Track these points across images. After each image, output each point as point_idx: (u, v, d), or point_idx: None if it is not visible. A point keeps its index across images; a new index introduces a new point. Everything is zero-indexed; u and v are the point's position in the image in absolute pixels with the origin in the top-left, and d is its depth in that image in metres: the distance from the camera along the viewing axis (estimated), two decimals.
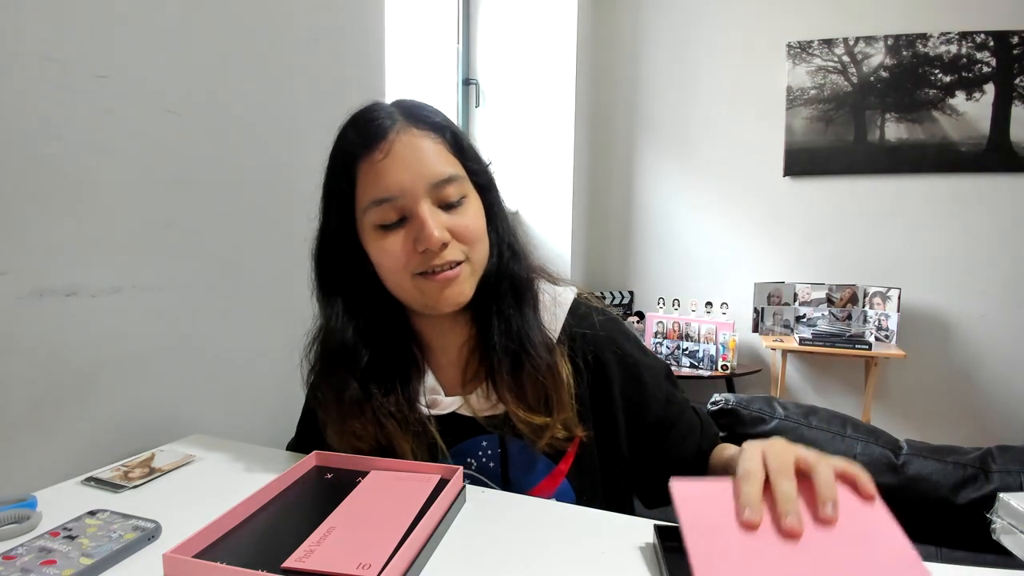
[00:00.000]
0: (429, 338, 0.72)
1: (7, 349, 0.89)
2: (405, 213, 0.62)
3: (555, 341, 0.69)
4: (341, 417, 0.66)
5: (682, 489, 0.47)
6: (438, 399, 0.69)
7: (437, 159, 0.62)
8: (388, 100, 0.69)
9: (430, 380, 0.70)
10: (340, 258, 0.67)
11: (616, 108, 3.22)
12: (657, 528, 0.52)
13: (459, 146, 0.65)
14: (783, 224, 2.97)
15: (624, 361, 0.72)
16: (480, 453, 0.68)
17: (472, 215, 0.65)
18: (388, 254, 0.62)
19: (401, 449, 0.65)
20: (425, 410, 0.67)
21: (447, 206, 0.63)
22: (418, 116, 0.64)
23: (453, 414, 0.68)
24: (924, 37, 2.69)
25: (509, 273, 0.68)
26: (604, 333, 0.72)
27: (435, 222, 0.60)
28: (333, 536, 0.50)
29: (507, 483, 0.68)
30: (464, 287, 0.65)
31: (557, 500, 0.66)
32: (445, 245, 0.62)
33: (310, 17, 1.45)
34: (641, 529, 0.55)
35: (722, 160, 3.04)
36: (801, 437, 0.98)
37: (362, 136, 0.63)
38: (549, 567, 0.49)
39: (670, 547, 0.49)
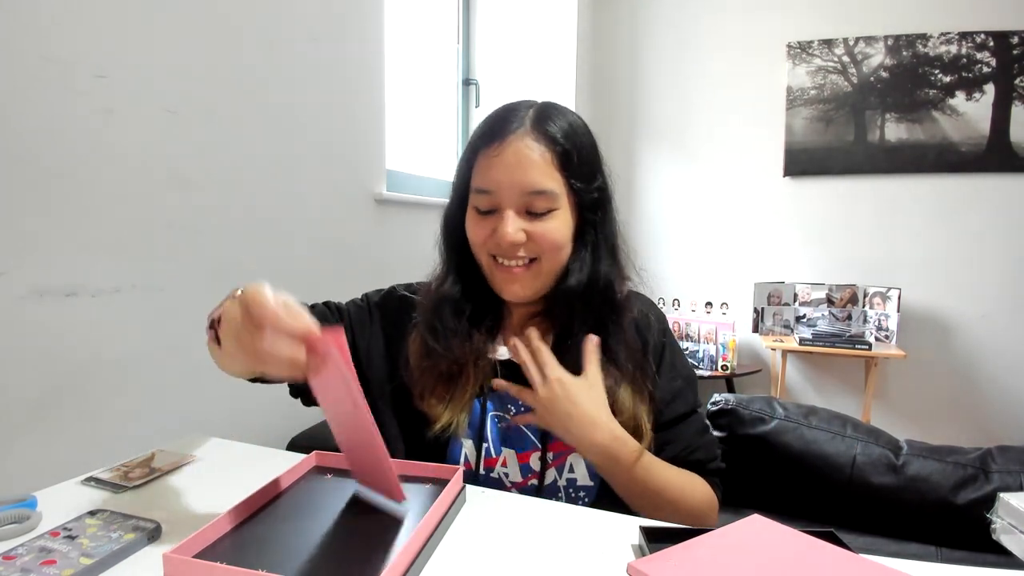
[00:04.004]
0: (508, 304, 0.80)
1: (7, 349, 0.89)
2: (495, 207, 0.70)
3: None
4: (436, 339, 0.74)
5: (641, 569, 0.47)
6: (499, 348, 0.77)
7: (538, 171, 0.69)
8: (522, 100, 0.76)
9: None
10: (456, 226, 0.76)
11: (616, 108, 3.22)
12: (643, 529, 0.52)
13: (567, 162, 0.71)
14: (783, 224, 2.97)
15: (655, 341, 0.78)
16: (521, 403, 0.72)
17: (555, 227, 0.71)
18: (475, 232, 0.73)
19: (466, 375, 0.73)
20: (491, 355, 0.75)
21: (533, 214, 0.70)
22: (543, 124, 0.71)
23: (509, 362, 0.75)
24: (924, 37, 2.69)
25: (600, 289, 0.74)
26: (652, 316, 0.80)
27: (513, 226, 0.69)
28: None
29: (544, 432, 0.72)
30: (525, 286, 0.72)
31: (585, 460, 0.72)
32: (517, 247, 0.70)
33: (310, 17, 1.45)
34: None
35: (722, 160, 3.04)
36: (801, 437, 0.98)
37: (487, 132, 0.72)
38: (549, 567, 0.49)
39: (656, 548, 0.49)
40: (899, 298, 2.61)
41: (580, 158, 0.71)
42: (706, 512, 0.72)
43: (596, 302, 0.73)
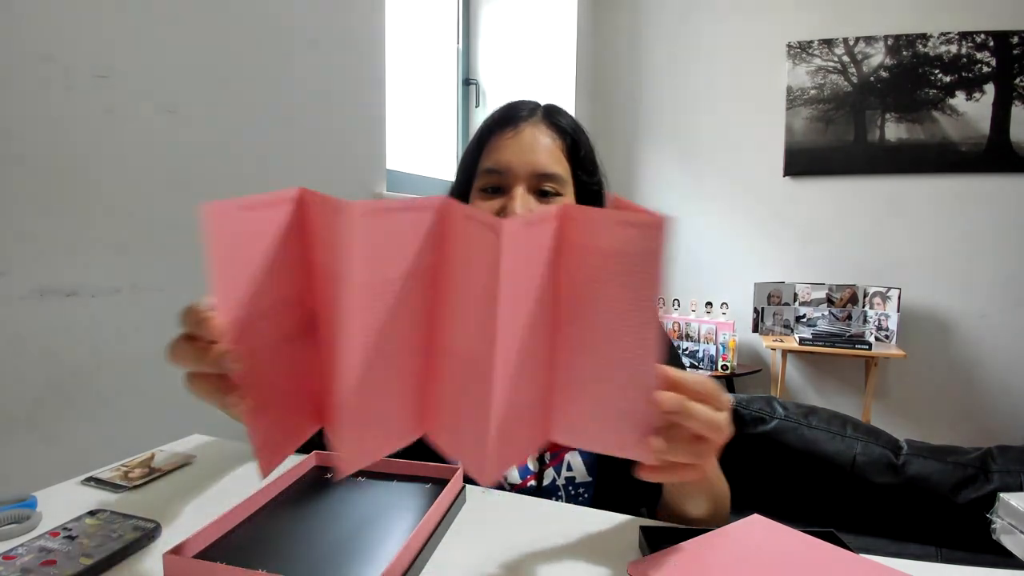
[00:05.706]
0: None
1: (7, 349, 0.89)
2: (504, 187, 0.72)
3: None
4: None
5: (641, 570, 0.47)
6: None
7: (549, 155, 0.72)
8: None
9: None
10: None
11: (616, 108, 3.22)
12: (643, 529, 0.52)
13: (576, 154, 0.75)
14: (783, 224, 2.97)
15: None
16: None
17: None
18: None
19: None
20: None
21: (542, 196, 0.72)
22: (552, 117, 0.76)
23: None
24: (924, 37, 2.69)
25: None
26: None
27: (523, 204, 0.70)
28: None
29: None
30: None
31: (580, 456, 0.71)
32: None
33: (310, 18, 1.45)
34: None
35: (722, 160, 3.04)
36: (801, 437, 0.98)
37: (501, 117, 0.75)
38: (549, 567, 0.49)
39: (656, 548, 0.49)
40: (899, 298, 2.61)
41: (584, 152, 0.75)
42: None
43: None
